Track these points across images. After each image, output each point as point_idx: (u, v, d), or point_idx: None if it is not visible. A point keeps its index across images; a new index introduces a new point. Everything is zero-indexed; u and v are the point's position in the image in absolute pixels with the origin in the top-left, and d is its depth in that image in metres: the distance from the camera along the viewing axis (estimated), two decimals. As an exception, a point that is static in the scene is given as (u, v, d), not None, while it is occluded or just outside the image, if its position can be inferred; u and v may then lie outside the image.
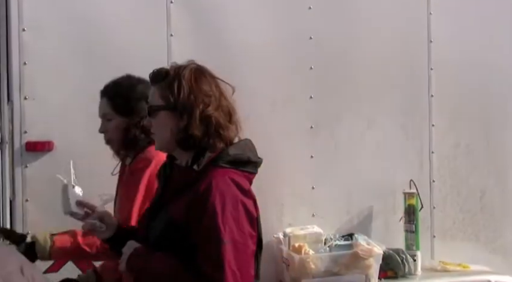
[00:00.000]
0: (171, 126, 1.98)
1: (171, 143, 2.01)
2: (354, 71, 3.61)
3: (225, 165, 1.97)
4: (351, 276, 3.21)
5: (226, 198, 1.89)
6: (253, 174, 2.07)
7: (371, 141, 3.64)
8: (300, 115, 3.52)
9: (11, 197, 3.04)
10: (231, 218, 1.87)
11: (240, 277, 1.84)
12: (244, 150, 2.03)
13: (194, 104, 1.95)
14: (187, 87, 1.96)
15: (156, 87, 2.01)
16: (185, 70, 2.01)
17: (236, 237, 1.87)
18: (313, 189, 3.53)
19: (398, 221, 3.63)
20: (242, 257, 1.87)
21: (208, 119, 1.96)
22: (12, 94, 3.02)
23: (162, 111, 1.99)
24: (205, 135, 1.96)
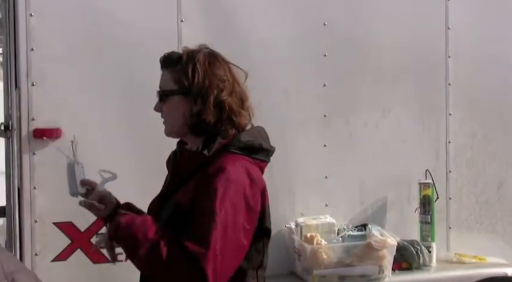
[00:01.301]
0: (184, 111, 1.93)
1: (182, 128, 1.96)
2: (369, 59, 3.53)
3: (236, 152, 1.92)
4: (364, 268, 3.16)
5: (231, 184, 1.84)
6: (265, 162, 2.01)
7: (386, 130, 3.56)
8: (313, 103, 3.45)
9: (19, 185, 3.00)
10: (230, 204, 1.82)
11: (221, 261, 1.77)
12: (256, 137, 1.98)
13: (209, 89, 1.91)
14: (202, 72, 1.92)
15: (168, 71, 1.97)
16: (199, 54, 1.96)
17: (229, 223, 1.81)
18: (326, 178, 3.46)
19: (414, 212, 3.57)
20: (229, 244, 1.80)
21: (222, 104, 1.92)
22: (19, 80, 2.96)
23: (175, 95, 1.95)
24: (219, 120, 1.92)
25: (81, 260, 3.02)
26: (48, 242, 3.00)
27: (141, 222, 1.85)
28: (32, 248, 2.99)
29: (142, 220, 1.86)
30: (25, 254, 2.99)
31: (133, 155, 3.10)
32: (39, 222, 2.99)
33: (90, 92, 3.06)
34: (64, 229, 2.99)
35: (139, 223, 1.84)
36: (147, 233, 1.80)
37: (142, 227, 1.82)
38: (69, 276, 3.03)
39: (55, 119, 3.00)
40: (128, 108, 3.10)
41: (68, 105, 3.03)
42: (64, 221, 2.96)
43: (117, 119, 3.11)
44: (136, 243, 1.80)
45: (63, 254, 3.01)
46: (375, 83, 3.54)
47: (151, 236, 1.79)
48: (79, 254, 3.02)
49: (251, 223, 1.88)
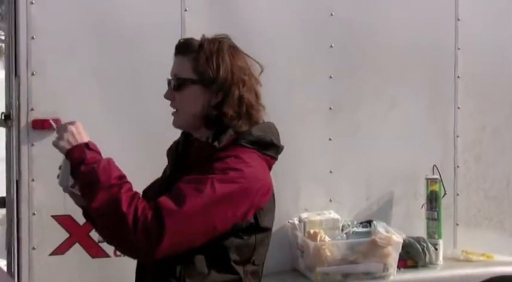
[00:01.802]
0: (203, 102, 1.86)
1: (197, 120, 1.88)
2: (377, 50, 3.44)
3: (247, 145, 1.85)
4: (368, 265, 3.10)
5: (238, 165, 1.76)
6: (274, 159, 1.94)
7: (393, 124, 3.49)
8: (318, 95, 3.37)
9: (17, 177, 2.93)
10: (229, 185, 1.74)
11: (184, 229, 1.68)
12: (267, 133, 1.91)
13: (232, 82, 1.84)
14: (227, 63, 1.85)
15: (187, 59, 1.87)
16: (223, 44, 1.89)
17: (215, 204, 1.72)
18: (331, 173, 3.39)
19: (420, 208, 3.50)
20: (202, 220, 1.70)
21: (242, 99, 1.86)
22: (19, 69, 2.89)
23: (195, 85, 1.86)
24: (237, 115, 1.85)
25: (79, 254, 2.96)
26: (46, 235, 2.95)
27: (106, 163, 1.76)
28: (29, 242, 2.93)
29: (107, 162, 1.77)
30: (22, 247, 2.93)
31: (134, 146, 3.03)
32: (37, 215, 2.93)
33: (91, 82, 2.99)
34: (62, 222, 2.93)
35: (104, 163, 1.76)
36: (110, 176, 1.72)
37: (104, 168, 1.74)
38: (67, 271, 2.98)
39: (55, 109, 2.92)
40: (129, 99, 3.04)
41: (68, 95, 2.96)
42: (62, 214, 2.88)
43: (118, 109, 3.04)
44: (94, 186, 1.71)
45: (61, 248, 2.96)
46: (381, 75, 3.46)
47: (112, 181, 1.71)
48: (77, 248, 2.97)
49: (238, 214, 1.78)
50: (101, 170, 1.74)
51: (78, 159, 1.78)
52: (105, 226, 1.74)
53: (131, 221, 1.66)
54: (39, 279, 2.95)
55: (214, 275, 1.80)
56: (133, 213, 1.66)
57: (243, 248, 1.82)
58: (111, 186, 1.71)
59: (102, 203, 1.69)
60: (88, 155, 1.78)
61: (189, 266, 1.78)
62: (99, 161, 1.77)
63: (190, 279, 1.78)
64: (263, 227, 1.86)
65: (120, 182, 1.73)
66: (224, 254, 1.80)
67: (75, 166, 1.79)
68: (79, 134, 1.84)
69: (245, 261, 1.85)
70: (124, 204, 1.67)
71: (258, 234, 1.85)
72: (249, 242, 1.83)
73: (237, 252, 1.81)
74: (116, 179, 1.73)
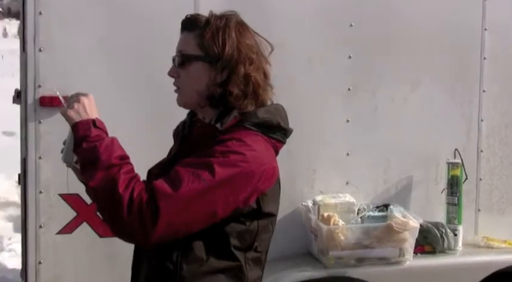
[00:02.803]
0: (207, 80, 1.79)
1: (201, 99, 1.81)
2: (399, 29, 3.32)
3: (252, 128, 1.77)
4: (383, 250, 3.01)
5: (240, 149, 1.68)
6: (281, 143, 1.85)
7: (414, 106, 3.37)
8: (337, 75, 3.26)
9: (24, 154, 2.89)
10: (229, 169, 1.66)
11: (180, 212, 1.61)
12: (274, 115, 1.83)
13: (239, 60, 1.77)
14: (234, 40, 1.78)
15: (193, 35, 1.80)
16: (230, 21, 1.81)
17: (213, 189, 1.64)
18: (348, 155, 3.29)
19: (440, 193, 3.40)
20: (197, 205, 1.63)
21: (249, 77, 1.78)
22: (26, 45, 2.83)
23: (199, 62, 1.79)
24: (243, 94, 1.78)
25: (86, 234, 2.91)
26: (53, 214, 2.91)
27: (109, 142, 1.71)
28: (36, 220, 2.90)
29: (110, 141, 1.72)
30: (29, 225, 2.90)
31: (144, 122, 2.97)
32: (44, 193, 2.89)
33: (100, 58, 2.93)
34: (70, 201, 2.88)
35: (107, 142, 1.70)
36: (111, 156, 1.67)
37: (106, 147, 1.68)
38: (74, 250, 2.94)
39: (63, 86, 2.84)
40: (139, 74, 2.96)
41: (76, 71, 2.90)
42: (70, 192, 2.83)
43: (128, 85, 2.98)
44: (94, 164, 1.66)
45: (69, 227, 2.92)
46: (404, 56, 3.34)
47: (113, 160, 1.66)
48: (85, 227, 2.92)
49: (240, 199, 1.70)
50: (103, 148, 1.68)
51: (82, 135, 1.73)
52: (102, 207, 1.68)
53: (126, 203, 1.60)
54: (46, 258, 2.92)
55: (213, 261, 1.73)
56: (129, 195, 1.61)
57: (244, 234, 1.75)
58: (111, 166, 1.65)
59: (100, 182, 1.64)
60: (93, 132, 1.73)
61: (187, 251, 1.72)
62: (102, 139, 1.72)
63: (188, 265, 1.72)
64: (266, 212, 1.78)
65: (121, 162, 1.67)
66: (224, 239, 1.74)
67: (77, 141, 1.73)
68: (90, 108, 1.80)
69: (247, 247, 1.78)
70: (121, 186, 1.62)
71: (261, 220, 1.78)
72: (250, 228, 1.76)
73: (238, 238, 1.75)
74: (116, 159, 1.67)
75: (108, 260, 2.94)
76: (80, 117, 1.76)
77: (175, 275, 1.72)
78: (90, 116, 1.77)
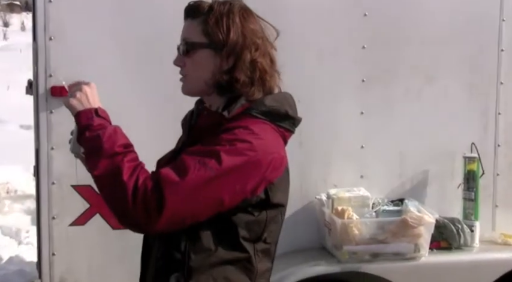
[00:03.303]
0: (213, 67, 1.76)
1: (207, 86, 1.79)
2: (414, 19, 3.26)
3: (259, 116, 1.74)
4: (398, 245, 2.97)
5: (246, 137, 1.65)
6: (290, 132, 1.81)
7: (429, 98, 3.32)
8: (350, 67, 3.22)
9: (37, 145, 2.88)
10: (236, 157, 1.63)
11: (185, 201, 1.58)
12: (283, 103, 1.79)
13: (244, 45, 1.73)
14: (238, 25, 1.75)
15: (197, 22, 1.77)
16: (233, 7, 1.78)
17: (220, 177, 1.61)
18: (363, 148, 3.25)
19: (456, 188, 3.34)
20: (204, 193, 1.60)
21: (255, 63, 1.75)
22: (37, 34, 2.82)
23: (204, 49, 1.76)
24: (250, 81, 1.75)
25: (99, 225, 2.90)
26: (66, 205, 2.90)
27: (112, 131, 1.69)
28: (49, 211, 2.89)
29: (113, 129, 1.70)
30: (42, 217, 2.89)
31: (154, 111, 2.95)
32: (56, 185, 2.88)
33: (111, 47, 2.91)
34: (82, 192, 2.87)
35: (110, 131, 1.68)
36: (115, 144, 1.64)
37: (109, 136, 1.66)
38: (87, 242, 2.93)
39: (74, 76, 2.82)
40: (150, 63, 2.94)
41: (87, 61, 2.88)
42: (83, 184, 2.82)
43: (139, 74, 2.95)
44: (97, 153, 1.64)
45: (81, 219, 2.91)
46: (419, 47, 3.28)
47: (116, 149, 1.64)
48: (98, 218, 2.91)
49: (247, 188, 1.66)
50: (106, 137, 1.66)
51: (84, 124, 1.71)
52: (107, 196, 1.66)
53: (131, 191, 1.58)
54: (59, 249, 2.91)
55: (221, 252, 1.70)
56: (134, 184, 1.58)
57: (253, 224, 1.72)
58: (115, 154, 1.63)
59: (104, 171, 1.62)
60: (95, 121, 1.71)
61: (195, 241, 1.69)
62: (105, 127, 1.69)
63: (196, 255, 1.69)
64: (275, 203, 1.75)
65: (125, 151, 1.65)
66: (232, 230, 1.70)
67: (80, 131, 1.72)
68: (92, 97, 1.78)
69: (256, 238, 1.74)
70: (125, 174, 1.59)
71: (269, 210, 1.75)
72: (259, 219, 1.72)
73: (247, 229, 1.71)
74: (120, 147, 1.65)
75: (121, 252, 2.92)
76: (83, 107, 1.74)
77: (183, 264, 1.70)
78: (93, 105, 1.75)
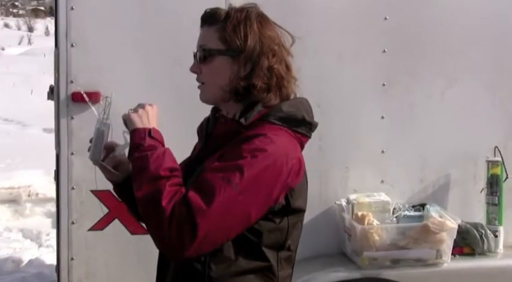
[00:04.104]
0: (230, 74, 1.76)
1: (224, 93, 1.79)
2: (435, 22, 3.22)
3: (276, 122, 1.74)
4: (419, 251, 2.93)
5: (269, 149, 1.65)
6: (306, 137, 1.81)
7: (452, 102, 3.27)
8: (371, 71, 3.19)
9: (57, 150, 2.89)
10: (258, 168, 1.63)
11: (217, 224, 1.58)
12: (299, 109, 1.79)
13: (261, 52, 1.74)
14: (256, 32, 1.75)
15: (214, 29, 1.78)
16: (251, 13, 1.78)
17: (246, 190, 1.61)
18: (383, 153, 3.21)
19: (479, 192, 3.29)
20: (234, 210, 1.60)
21: (272, 69, 1.76)
22: (58, 41, 2.84)
23: (222, 56, 1.76)
24: (267, 87, 1.75)
25: (118, 231, 2.91)
26: (85, 210, 2.91)
27: (161, 153, 1.69)
28: (68, 216, 2.91)
29: (163, 152, 1.70)
30: (61, 221, 2.91)
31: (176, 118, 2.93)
32: (76, 190, 2.90)
33: (132, 54, 2.92)
34: (102, 197, 2.87)
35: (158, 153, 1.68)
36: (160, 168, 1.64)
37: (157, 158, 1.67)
38: (106, 246, 2.95)
39: (95, 82, 2.86)
40: (170, 70, 2.94)
41: (108, 68, 2.90)
42: (102, 189, 2.82)
43: (161, 82, 2.96)
44: (143, 175, 1.65)
45: (100, 224, 2.92)
46: (440, 49, 3.23)
47: (161, 172, 1.64)
48: (116, 223, 2.92)
49: (272, 198, 1.67)
50: (153, 158, 1.66)
51: (136, 143, 1.72)
52: (146, 218, 1.66)
53: (167, 216, 1.58)
54: (78, 254, 2.93)
55: (242, 261, 1.70)
56: (171, 209, 1.58)
57: (274, 232, 1.71)
58: (159, 178, 1.63)
59: (146, 193, 1.63)
60: (147, 141, 1.71)
61: (215, 251, 1.68)
62: (154, 149, 1.69)
63: (216, 265, 1.69)
64: (295, 208, 1.74)
65: (170, 175, 1.64)
66: (254, 239, 1.70)
67: (132, 149, 1.73)
68: (152, 117, 1.79)
69: (279, 246, 1.74)
70: (165, 198, 1.60)
71: (291, 216, 1.74)
72: (280, 226, 1.72)
73: (269, 236, 1.70)
74: (165, 171, 1.65)
75: (139, 257, 2.93)
76: (141, 124, 1.75)
77: (203, 275, 1.69)
78: (150, 125, 1.76)
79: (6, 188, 6.76)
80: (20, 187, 6.80)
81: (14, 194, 6.74)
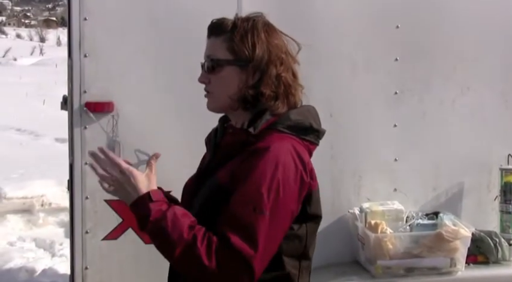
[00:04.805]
0: (239, 83, 1.78)
1: (232, 102, 1.80)
2: (447, 30, 3.22)
3: (285, 131, 1.76)
4: (433, 259, 2.91)
5: (279, 165, 1.67)
6: (314, 145, 1.83)
7: (464, 110, 3.26)
8: (383, 79, 3.19)
9: (71, 160, 2.91)
10: (280, 188, 1.65)
11: (266, 254, 1.63)
12: (307, 117, 1.81)
13: (269, 61, 1.76)
14: (263, 41, 1.77)
15: (221, 40, 1.80)
16: (257, 23, 1.80)
17: (278, 211, 1.64)
18: (396, 161, 3.21)
19: (493, 200, 3.28)
20: (275, 234, 1.65)
21: (280, 78, 1.77)
22: (72, 51, 2.86)
23: (230, 66, 1.78)
24: (275, 95, 1.77)
25: (132, 240, 2.91)
26: (99, 219, 2.92)
27: (172, 216, 1.65)
28: (82, 226, 2.92)
29: (173, 214, 1.65)
30: (75, 231, 2.92)
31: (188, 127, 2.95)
32: (90, 199, 2.91)
33: (144, 64, 2.93)
34: (115, 207, 2.89)
35: (170, 218, 1.64)
36: (182, 231, 1.62)
37: (172, 223, 1.63)
38: (119, 256, 2.95)
39: (108, 92, 2.88)
40: (182, 79, 2.94)
41: (121, 78, 2.92)
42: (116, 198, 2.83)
43: (173, 92, 2.97)
44: (168, 244, 1.63)
45: (114, 233, 2.93)
46: (452, 57, 3.23)
47: (185, 235, 1.61)
48: (130, 233, 2.92)
49: (297, 207, 1.71)
50: (170, 226, 1.63)
51: (141, 216, 1.68)
52: (193, 276, 1.67)
53: (215, 270, 1.59)
54: (92, 263, 2.94)
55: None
56: (216, 262, 1.60)
57: (293, 239, 1.73)
58: (186, 242, 1.61)
59: (182, 257, 1.62)
60: (152, 213, 1.65)
61: None
62: (164, 217, 1.64)
63: None
64: (312, 214, 1.76)
65: (193, 233, 1.63)
66: None
67: (140, 223, 1.69)
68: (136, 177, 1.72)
69: (300, 255, 1.76)
70: (204, 258, 1.60)
71: (309, 223, 1.76)
72: (299, 233, 1.74)
73: (287, 244, 1.72)
74: (187, 232, 1.62)
75: (152, 266, 2.91)
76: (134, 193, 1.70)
77: None
78: (140, 191, 1.70)
79: (20, 197, 6.79)
80: (33, 197, 6.82)
81: (27, 204, 6.76)
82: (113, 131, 1.91)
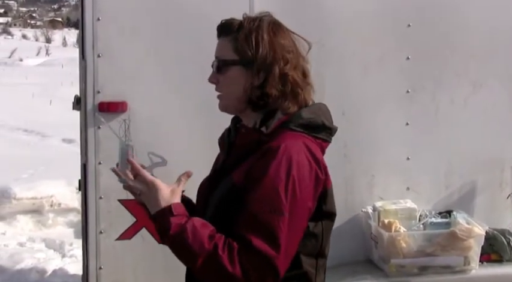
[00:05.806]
0: (245, 83, 1.77)
1: (240, 103, 1.80)
2: (458, 28, 3.22)
3: (297, 129, 1.75)
4: (447, 258, 2.92)
5: (294, 164, 1.67)
6: (327, 142, 1.83)
7: (476, 108, 3.26)
8: (395, 78, 3.19)
9: (84, 160, 2.92)
10: (296, 187, 1.65)
11: (289, 253, 1.64)
12: (318, 115, 1.80)
13: (273, 60, 1.75)
14: (267, 41, 1.76)
15: (228, 40, 1.80)
16: (263, 22, 1.79)
17: (296, 209, 1.65)
18: (408, 159, 3.21)
19: (506, 199, 3.29)
20: (295, 233, 1.66)
21: (286, 77, 1.76)
22: (85, 52, 2.87)
23: (236, 66, 1.78)
24: (282, 95, 1.77)
25: (146, 240, 2.92)
26: (113, 219, 2.93)
27: (192, 228, 1.64)
28: (96, 226, 2.92)
29: (192, 226, 1.65)
30: (90, 231, 2.93)
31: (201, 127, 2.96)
32: (104, 199, 2.92)
33: (158, 64, 2.94)
34: (129, 207, 2.89)
35: (190, 229, 1.64)
36: (202, 242, 1.62)
37: (193, 235, 1.63)
38: (133, 256, 2.96)
39: (121, 92, 2.89)
40: (195, 80, 2.93)
41: (134, 78, 2.93)
42: (129, 198, 2.84)
43: (186, 92, 2.97)
44: (190, 255, 1.63)
45: (128, 233, 2.93)
46: (464, 56, 3.24)
47: (206, 246, 1.61)
48: (144, 233, 2.93)
49: (313, 205, 1.72)
50: (191, 239, 1.63)
51: (162, 229, 1.68)
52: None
53: (241, 277, 1.60)
54: (106, 263, 2.94)
55: None
56: (240, 267, 1.60)
57: (310, 238, 1.73)
58: (207, 252, 1.61)
59: (205, 267, 1.62)
60: (172, 227, 1.65)
61: None
62: (184, 229, 1.65)
63: None
64: (327, 211, 1.76)
65: (214, 242, 1.63)
66: None
67: (161, 235, 1.70)
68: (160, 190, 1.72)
69: (317, 254, 1.75)
70: (228, 265, 1.60)
71: (325, 220, 1.76)
72: (315, 231, 1.73)
73: (304, 243, 1.71)
74: (207, 242, 1.63)
75: (167, 266, 2.91)
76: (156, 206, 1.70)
77: None
78: (162, 204, 1.70)
79: (29, 198, 6.81)
80: (43, 197, 6.84)
81: (36, 205, 6.77)
82: (125, 135, 1.89)
